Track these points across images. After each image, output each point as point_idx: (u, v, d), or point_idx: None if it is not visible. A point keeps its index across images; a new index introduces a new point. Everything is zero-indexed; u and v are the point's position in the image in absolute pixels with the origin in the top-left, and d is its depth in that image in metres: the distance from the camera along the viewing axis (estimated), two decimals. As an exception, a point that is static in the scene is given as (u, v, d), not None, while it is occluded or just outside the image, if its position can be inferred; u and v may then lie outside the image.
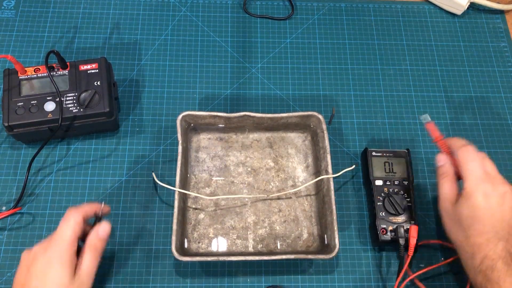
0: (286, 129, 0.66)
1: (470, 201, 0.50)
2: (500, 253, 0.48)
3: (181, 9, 0.76)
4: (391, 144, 0.68)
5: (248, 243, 0.60)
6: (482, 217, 0.49)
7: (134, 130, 0.67)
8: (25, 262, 0.49)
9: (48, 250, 0.48)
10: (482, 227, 0.49)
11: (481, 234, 0.49)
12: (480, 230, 0.49)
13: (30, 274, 0.47)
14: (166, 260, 0.59)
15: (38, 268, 0.47)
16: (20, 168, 0.63)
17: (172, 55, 0.72)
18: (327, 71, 0.72)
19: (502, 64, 0.75)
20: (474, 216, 0.50)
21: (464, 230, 0.51)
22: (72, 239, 0.49)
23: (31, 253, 0.49)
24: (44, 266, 0.47)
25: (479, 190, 0.50)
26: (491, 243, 0.49)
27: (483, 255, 0.49)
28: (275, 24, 0.76)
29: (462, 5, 0.76)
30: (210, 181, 0.63)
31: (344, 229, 0.62)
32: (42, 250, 0.48)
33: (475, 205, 0.50)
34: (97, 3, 0.75)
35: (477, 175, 0.51)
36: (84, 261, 0.49)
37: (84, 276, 0.49)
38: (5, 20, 0.73)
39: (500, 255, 0.48)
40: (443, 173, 0.55)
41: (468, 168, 0.52)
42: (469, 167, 0.52)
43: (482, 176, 0.51)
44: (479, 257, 0.49)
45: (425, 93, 0.72)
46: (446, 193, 0.54)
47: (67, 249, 0.48)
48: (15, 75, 0.61)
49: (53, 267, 0.47)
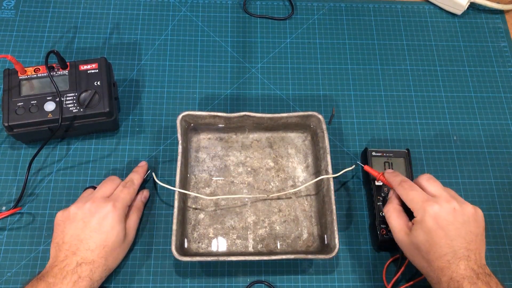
0: (286, 129, 0.66)
1: (422, 226, 0.50)
2: (464, 273, 0.47)
3: (181, 9, 0.76)
4: (391, 144, 0.68)
5: (248, 243, 0.60)
6: (437, 239, 0.49)
7: (134, 130, 0.67)
8: (64, 220, 0.54)
9: (105, 209, 0.53)
10: (440, 250, 0.49)
11: (440, 257, 0.49)
12: (439, 253, 0.49)
13: (88, 228, 0.52)
14: (166, 260, 0.59)
15: (95, 224, 0.53)
16: (20, 168, 0.63)
17: (172, 55, 0.72)
18: (327, 71, 0.72)
19: (502, 64, 0.75)
20: (429, 240, 0.49)
21: (424, 256, 0.50)
22: (129, 201, 0.57)
23: (72, 212, 0.54)
24: (104, 222, 0.53)
25: (426, 214, 0.50)
26: (452, 265, 0.48)
27: (447, 278, 0.48)
28: (275, 24, 0.76)
29: (462, 5, 0.76)
30: (210, 181, 0.63)
31: (344, 229, 0.62)
32: (95, 208, 0.53)
33: (428, 230, 0.49)
34: (97, 3, 0.75)
35: (421, 200, 0.51)
36: (130, 220, 0.57)
37: (131, 232, 0.56)
38: (5, 20, 0.73)
39: (464, 275, 0.47)
40: (388, 205, 0.55)
41: (410, 198, 0.52)
42: (410, 197, 0.52)
43: (427, 199, 0.51)
44: (444, 280, 0.48)
45: (425, 93, 0.72)
46: (396, 225, 0.53)
47: (125, 209, 0.56)
48: (15, 75, 0.61)
49: (113, 224, 0.53)
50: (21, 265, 0.58)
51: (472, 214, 0.51)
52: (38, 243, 0.59)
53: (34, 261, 0.58)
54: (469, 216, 0.50)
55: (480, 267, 0.48)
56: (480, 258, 0.49)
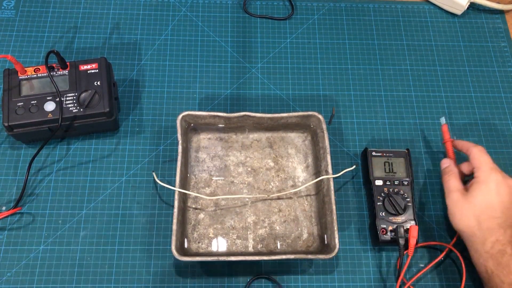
0: (286, 129, 0.66)
1: (483, 187, 0.54)
2: (510, 239, 0.51)
3: (181, 9, 0.76)
4: (391, 144, 0.68)
5: (248, 243, 0.60)
6: (494, 202, 0.53)
7: (134, 130, 0.67)
8: None
9: None
10: (494, 212, 0.53)
11: (492, 218, 0.53)
12: (492, 215, 0.53)
13: None
14: (166, 260, 0.59)
15: None
16: (20, 168, 0.63)
17: (172, 55, 0.72)
18: (327, 71, 0.72)
19: (502, 64, 0.75)
20: (486, 201, 0.54)
21: (476, 216, 0.54)
22: None
23: None
24: None
25: (491, 178, 0.54)
26: (501, 229, 0.52)
27: (494, 239, 0.52)
28: (275, 24, 0.76)
29: (462, 5, 0.76)
30: (210, 181, 0.63)
31: (344, 229, 0.62)
32: None
33: (488, 191, 0.54)
34: (97, 3, 0.75)
35: (490, 166, 0.55)
36: None
37: None
38: (5, 20, 0.73)
39: (510, 240, 0.51)
40: (449, 171, 0.60)
41: (481, 160, 0.56)
42: (482, 159, 0.56)
43: (494, 167, 0.56)
44: (490, 241, 0.52)
45: (425, 93, 0.72)
46: (454, 185, 0.58)
47: None
48: (15, 75, 0.61)
49: None
50: (21, 265, 0.58)
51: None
52: (38, 243, 0.59)
53: (34, 261, 0.58)
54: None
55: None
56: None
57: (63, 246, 0.59)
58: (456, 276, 0.60)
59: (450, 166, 0.60)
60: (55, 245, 0.59)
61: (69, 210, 0.61)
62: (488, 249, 0.52)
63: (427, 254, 0.61)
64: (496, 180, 0.54)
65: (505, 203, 0.53)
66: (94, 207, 0.61)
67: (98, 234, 0.60)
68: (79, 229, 0.60)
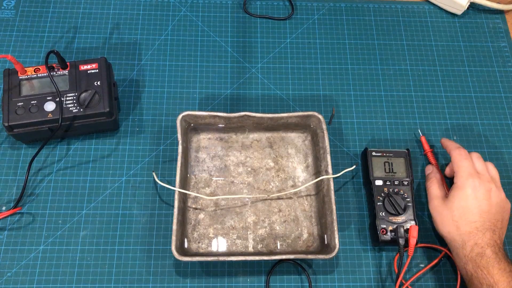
0: (286, 129, 0.66)
1: (460, 192, 0.56)
2: (488, 242, 0.53)
3: (181, 9, 0.76)
4: (391, 144, 0.68)
5: (248, 243, 0.60)
6: (471, 207, 0.55)
7: (134, 130, 0.67)
8: None
9: None
10: (472, 217, 0.55)
11: (470, 223, 0.54)
12: (470, 220, 0.55)
13: None
14: (166, 260, 0.59)
15: None
16: (20, 168, 0.63)
17: (172, 55, 0.72)
18: (327, 71, 0.72)
19: (502, 64, 0.75)
20: (464, 206, 0.55)
21: (455, 221, 0.55)
22: None
23: None
24: None
25: (468, 183, 0.56)
26: (479, 232, 0.54)
27: (472, 243, 0.53)
28: (275, 24, 0.76)
29: (462, 5, 0.76)
30: (210, 181, 0.63)
31: (344, 229, 0.62)
32: None
33: (465, 196, 0.55)
34: (97, 3, 0.75)
35: (468, 171, 0.57)
36: None
37: None
38: (5, 20, 0.73)
39: (488, 243, 0.53)
40: (431, 178, 0.62)
41: (460, 165, 0.58)
42: (461, 164, 0.58)
43: (472, 172, 0.57)
44: (469, 245, 0.54)
45: (425, 93, 0.72)
46: (435, 192, 0.60)
47: None
48: (15, 75, 0.61)
49: None
50: (21, 265, 0.58)
51: (504, 201, 0.57)
52: (38, 243, 0.59)
53: (34, 261, 0.58)
54: (502, 200, 0.57)
55: (501, 243, 0.54)
56: (502, 238, 0.55)
57: (63, 246, 0.59)
58: (454, 276, 0.60)
59: (432, 172, 0.63)
60: (55, 245, 0.59)
61: (69, 210, 0.61)
62: (467, 253, 0.53)
63: (426, 254, 0.61)
64: (473, 185, 0.56)
65: (482, 207, 0.55)
66: (94, 207, 0.61)
67: (98, 234, 0.60)
68: (79, 229, 0.60)
